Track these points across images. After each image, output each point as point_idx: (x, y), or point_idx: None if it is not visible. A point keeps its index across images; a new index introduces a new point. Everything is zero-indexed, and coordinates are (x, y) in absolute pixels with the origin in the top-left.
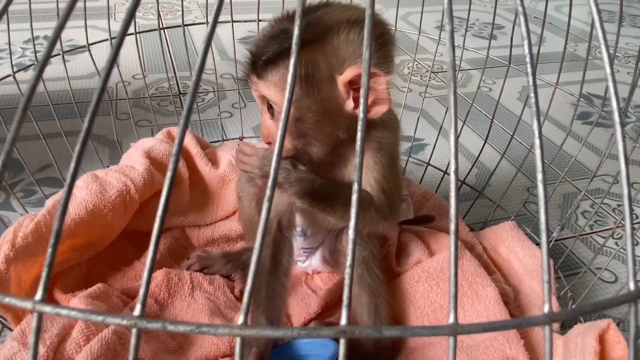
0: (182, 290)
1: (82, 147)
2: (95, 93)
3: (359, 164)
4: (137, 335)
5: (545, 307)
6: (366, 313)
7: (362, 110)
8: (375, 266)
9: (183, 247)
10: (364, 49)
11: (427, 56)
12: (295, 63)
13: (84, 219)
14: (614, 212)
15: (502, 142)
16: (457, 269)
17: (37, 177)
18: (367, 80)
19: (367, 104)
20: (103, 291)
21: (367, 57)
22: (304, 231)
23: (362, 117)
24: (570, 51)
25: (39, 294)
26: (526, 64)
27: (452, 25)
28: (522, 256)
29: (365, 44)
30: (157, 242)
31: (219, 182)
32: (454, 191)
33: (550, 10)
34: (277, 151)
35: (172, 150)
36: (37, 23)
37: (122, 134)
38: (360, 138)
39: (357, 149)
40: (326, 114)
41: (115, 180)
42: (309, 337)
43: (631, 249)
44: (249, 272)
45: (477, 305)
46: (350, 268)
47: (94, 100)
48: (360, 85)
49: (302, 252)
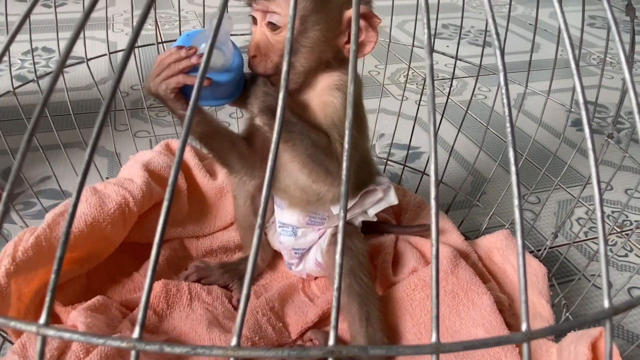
0: (180, 301)
1: (84, 175)
2: (96, 125)
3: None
4: (135, 357)
5: (523, 326)
6: (358, 322)
7: None
8: (364, 274)
9: (182, 258)
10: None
11: (423, 64)
12: None
13: (83, 232)
14: (608, 218)
15: (498, 149)
16: (438, 290)
17: (36, 189)
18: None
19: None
20: (102, 303)
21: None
22: (294, 230)
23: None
24: (565, 58)
25: (42, 318)
26: (499, 72)
27: (429, 34)
28: (516, 264)
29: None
30: (154, 266)
31: (217, 193)
32: (434, 189)
33: (544, 17)
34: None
35: (172, 163)
36: (36, 34)
37: (121, 144)
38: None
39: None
40: (325, 37)
41: (114, 193)
42: (298, 357)
43: (605, 269)
44: (244, 285)
45: (473, 313)
46: (338, 277)
47: (94, 132)
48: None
49: (293, 253)
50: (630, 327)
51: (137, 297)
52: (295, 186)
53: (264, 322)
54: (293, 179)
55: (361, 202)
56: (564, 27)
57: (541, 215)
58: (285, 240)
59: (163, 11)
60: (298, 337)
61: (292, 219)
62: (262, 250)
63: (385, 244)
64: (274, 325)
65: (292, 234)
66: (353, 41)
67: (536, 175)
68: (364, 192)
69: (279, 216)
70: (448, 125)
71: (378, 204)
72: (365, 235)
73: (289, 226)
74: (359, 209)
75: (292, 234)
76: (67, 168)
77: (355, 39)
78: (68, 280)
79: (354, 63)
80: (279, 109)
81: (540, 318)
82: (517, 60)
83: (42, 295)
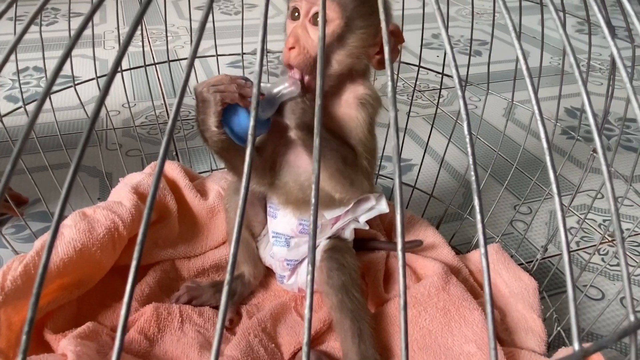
0: (171, 325)
1: (64, 204)
2: (78, 149)
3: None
4: None
5: (576, 345)
6: (350, 338)
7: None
8: (355, 290)
9: (173, 280)
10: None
11: (413, 75)
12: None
13: (72, 259)
14: (599, 227)
15: (488, 159)
16: (406, 318)
17: (26, 211)
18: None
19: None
20: (92, 330)
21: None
22: (287, 240)
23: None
24: (555, 65)
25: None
26: (457, 89)
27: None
28: (507, 279)
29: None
30: (129, 304)
31: (208, 213)
32: (399, 199)
33: (533, 25)
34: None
35: (160, 185)
36: (27, 54)
37: (112, 164)
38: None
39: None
40: (365, 43)
41: (103, 217)
42: None
43: (629, 293)
44: (222, 298)
45: (465, 329)
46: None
47: (76, 155)
48: (385, 40)
49: (285, 264)
50: (626, 339)
51: (128, 322)
52: (294, 183)
53: (255, 343)
54: (293, 176)
55: (354, 209)
56: (565, 40)
57: (532, 225)
58: (278, 251)
59: (154, 27)
60: (291, 357)
61: (285, 228)
62: (254, 267)
63: (377, 260)
64: (266, 347)
65: (285, 244)
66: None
67: (526, 185)
68: (357, 200)
69: (272, 226)
70: (438, 135)
71: (370, 211)
72: (357, 253)
73: (282, 236)
74: (351, 215)
75: (285, 244)
76: (55, 190)
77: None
78: (58, 307)
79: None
80: (316, 126)
81: (532, 333)
82: (505, 69)
83: None
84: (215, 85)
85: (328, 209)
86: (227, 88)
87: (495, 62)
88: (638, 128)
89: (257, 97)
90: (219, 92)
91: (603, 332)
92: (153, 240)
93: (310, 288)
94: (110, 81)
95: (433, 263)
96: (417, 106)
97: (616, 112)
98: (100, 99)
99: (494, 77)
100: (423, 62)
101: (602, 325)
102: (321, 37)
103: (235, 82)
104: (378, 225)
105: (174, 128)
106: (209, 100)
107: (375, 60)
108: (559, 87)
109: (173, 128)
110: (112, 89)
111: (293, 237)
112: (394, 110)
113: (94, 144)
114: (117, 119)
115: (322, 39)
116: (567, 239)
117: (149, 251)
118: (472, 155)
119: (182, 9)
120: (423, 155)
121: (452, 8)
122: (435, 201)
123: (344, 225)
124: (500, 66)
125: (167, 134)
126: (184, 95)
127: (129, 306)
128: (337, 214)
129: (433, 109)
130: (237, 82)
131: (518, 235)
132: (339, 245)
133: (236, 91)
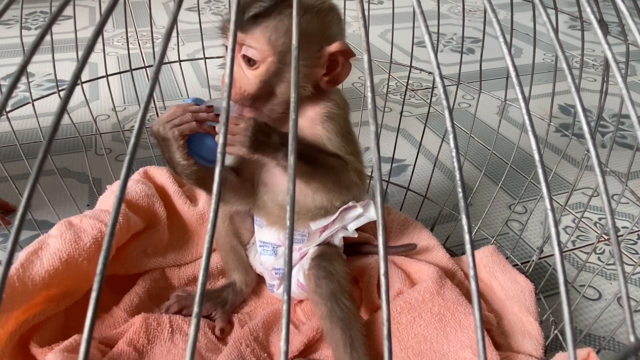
0: (161, 335)
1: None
2: (37, 161)
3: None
4: None
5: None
6: (342, 347)
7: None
8: (345, 298)
9: (163, 289)
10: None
11: (406, 74)
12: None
13: (58, 270)
14: (595, 225)
15: (482, 158)
16: (389, 329)
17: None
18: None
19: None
20: (79, 342)
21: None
22: (275, 249)
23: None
24: (548, 62)
25: None
26: (442, 99)
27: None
28: (502, 281)
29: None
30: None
31: (198, 219)
32: (379, 202)
33: (526, 21)
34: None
35: (150, 191)
36: (15, 58)
37: (101, 169)
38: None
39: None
40: (304, 72)
41: (90, 227)
42: None
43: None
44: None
45: (461, 335)
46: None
47: (35, 168)
48: (337, 57)
49: (274, 273)
50: (624, 340)
51: (116, 334)
52: (273, 203)
53: (247, 353)
54: (271, 196)
55: (341, 217)
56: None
57: (528, 225)
58: (266, 260)
59: (144, 29)
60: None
61: (272, 237)
62: (246, 274)
63: (370, 265)
64: (258, 357)
65: (272, 253)
66: None
67: (521, 184)
68: (343, 209)
69: (259, 235)
70: (432, 135)
71: (358, 219)
72: (349, 257)
73: (269, 245)
74: (339, 224)
75: (272, 253)
76: (39, 197)
77: None
78: (45, 319)
79: None
80: (290, 143)
81: (529, 336)
82: (499, 67)
83: (17, 337)
84: (170, 121)
85: (314, 220)
86: (182, 120)
87: (488, 60)
88: (632, 124)
89: (226, 124)
90: (175, 126)
91: (601, 333)
92: (142, 248)
93: (286, 318)
94: (68, 95)
95: (427, 267)
96: (410, 105)
97: (610, 109)
98: (58, 113)
99: (486, 75)
100: (415, 61)
101: (600, 326)
102: (295, 47)
103: (188, 111)
104: (372, 229)
105: (136, 149)
106: (169, 138)
107: (324, 82)
108: (552, 85)
109: (135, 149)
110: (101, 93)
111: (280, 245)
112: (374, 124)
113: (80, 150)
114: (106, 123)
115: (296, 48)
116: (561, 248)
117: (138, 260)
118: (455, 148)
119: (171, 9)
120: (416, 156)
121: (444, 6)
122: (429, 203)
123: (333, 234)
124: (493, 64)
125: (129, 154)
126: (148, 109)
127: (89, 343)
128: (323, 224)
129: (426, 108)
130: (191, 109)
131: (513, 236)
132: (327, 252)
133: (192, 120)
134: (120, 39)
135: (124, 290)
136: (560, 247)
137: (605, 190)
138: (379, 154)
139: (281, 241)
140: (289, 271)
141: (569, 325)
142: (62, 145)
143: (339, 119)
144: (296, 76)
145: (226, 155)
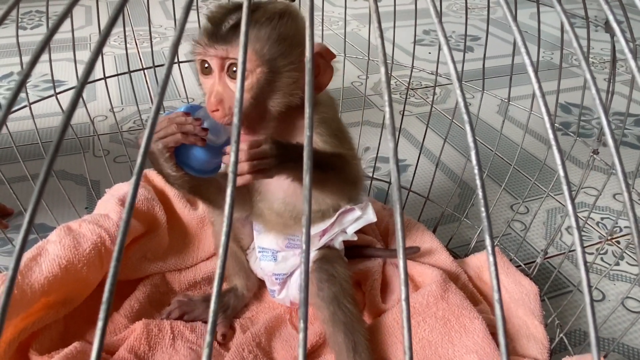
0: (162, 342)
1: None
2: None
3: None
4: None
5: None
6: (345, 352)
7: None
8: (348, 302)
9: (164, 294)
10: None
11: (406, 72)
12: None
13: (57, 276)
14: (597, 225)
15: (485, 158)
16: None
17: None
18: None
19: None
20: (80, 350)
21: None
22: (274, 255)
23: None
24: (547, 60)
25: None
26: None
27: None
28: (507, 284)
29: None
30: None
31: (199, 223)
32: (399, 212)
33: (525, 18)
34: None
35: (149, 195)
36: (12, 58)
37: (100, 171)
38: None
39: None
40: (295, 78)
41: (89, 232)
42: None
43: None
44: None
45: (466, 339)
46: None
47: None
48: (318, 61)
49: (274, 279)
50: (628, 342)
51: (117, 340)
52: (270, 211)
53: (250, 359)
54: (267, 204)
55: (340, 221)
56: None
57: (531, 226)
58: (266, 266)
59: (141, 28)
60: None
61: (271, 243)
62: (247, 279)
63: (373, 269)
64: None
65: (272, 259)
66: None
67: (525, 184)
68: (341, 212)
69: (258, 241)
70: (433, 135)
71: (357, 222)
72: (351, 260)
73: (268, 250)
74: (338, 228)
75: (272, 259)
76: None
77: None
78: (44, 326)
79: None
80: (305, 162)
81: (534, 340)
82: (500, 65)
83: (17, 345)
84: (155, 134)
85: (312, 224)
86: (167, 132)
87: (488, 58)
88: (632, 123)
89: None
90: (160, 139)
91: (605, 334)
92: (142, 253)
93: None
94: (75, 102)
95: (431, 270)
96: (410, 104)
97: (612, 107)
98: (60, 131)
99: (487, 73)
100: (414, 59)
101: (604, 327)
102: (309, 58)
103: (174, 123)
104: (374, 231)
105: (146, 158)
106: (154, 151)
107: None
108: (557, 83)
109: (145, 159)
110: (98, 94)
111: (280, 251)
112: (392, 141)
113: (78, 152)
114: (104, 124)
115: (310, 60)
116: (585, 258)
117: (138, 265)
118: (477, 162)
119: (169, 8)
120: (418, 157)
121: (443, 3)
122: (431, 204)
123: (333, 237)
124: (493, 62)
125: (139, 165)
126: (156, 124)
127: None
128: (321, 228)
129: (426, 107)
130: (176, 121)
131: (516, 236)
132: (329, 255)
133: (177, 131)
134: (117, 38)
135: (124, 295)
136: (587, 266)
137: (631, 208)
138: (398, 170)
139: (280, 247)
140: (305, 298)
141: (594, 338)
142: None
143: (330, 120)
144: (311, 89)
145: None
